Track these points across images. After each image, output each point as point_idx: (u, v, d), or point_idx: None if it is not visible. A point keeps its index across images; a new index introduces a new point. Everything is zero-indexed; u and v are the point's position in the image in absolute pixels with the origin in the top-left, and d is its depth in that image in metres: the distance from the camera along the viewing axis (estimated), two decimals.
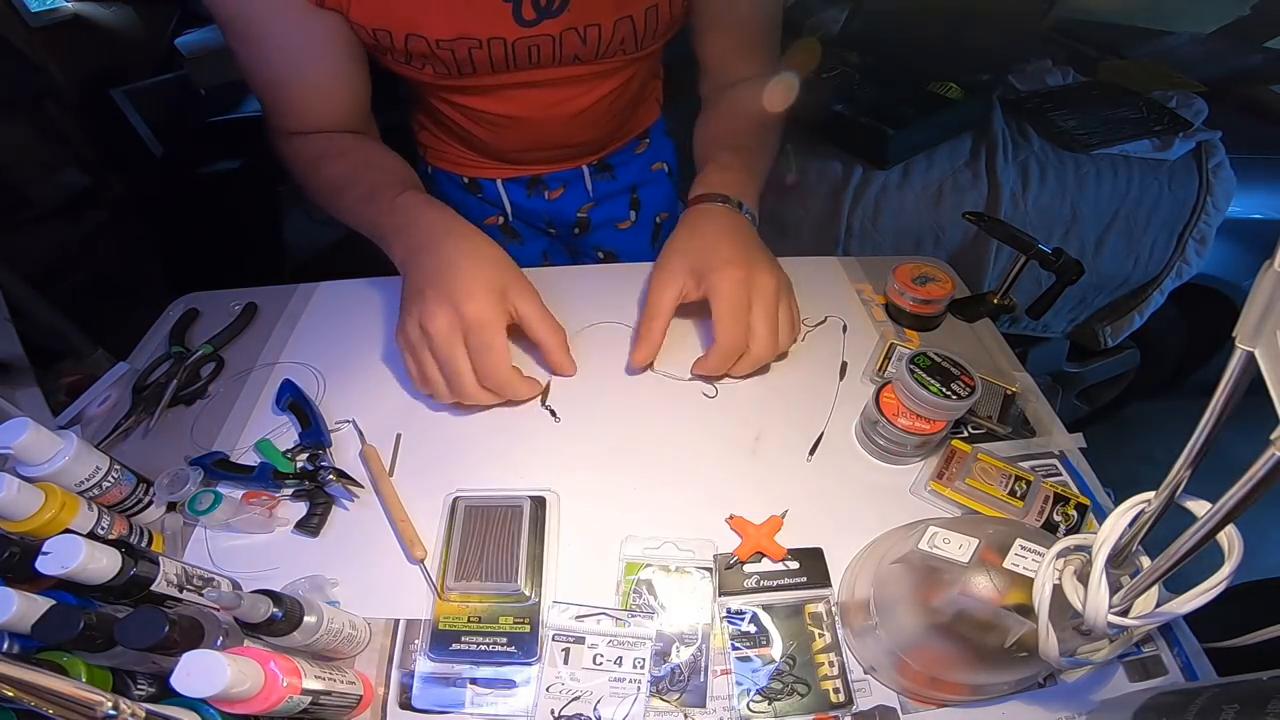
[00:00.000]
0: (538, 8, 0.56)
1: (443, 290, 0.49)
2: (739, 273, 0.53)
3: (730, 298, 0.52)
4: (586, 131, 0.74)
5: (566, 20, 0.58)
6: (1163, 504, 0.28)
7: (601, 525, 0.50)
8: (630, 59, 0.66)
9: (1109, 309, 1.23)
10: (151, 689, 0.36)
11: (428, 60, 0.59)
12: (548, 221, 0.86)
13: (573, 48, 0.60)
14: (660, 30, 0.63)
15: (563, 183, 0.81)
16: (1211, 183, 1.07)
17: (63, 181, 1.45)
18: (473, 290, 0.48)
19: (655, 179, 0.87)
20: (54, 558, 0.34)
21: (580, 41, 0.60)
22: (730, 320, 0.53)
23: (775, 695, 0.42)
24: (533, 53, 0.60)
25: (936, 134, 1.14)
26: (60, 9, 1.57)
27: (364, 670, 0.42)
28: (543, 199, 0.83)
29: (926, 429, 0.50)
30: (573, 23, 0.58)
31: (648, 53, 0.66)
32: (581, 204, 0.79)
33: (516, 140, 0.73)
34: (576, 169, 0.81)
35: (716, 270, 0.53)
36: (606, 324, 0.67)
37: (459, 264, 0.50)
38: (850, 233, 1.14)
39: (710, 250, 0.55)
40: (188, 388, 0.60)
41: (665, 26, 0.63)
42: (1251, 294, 0.21)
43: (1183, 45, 1.34)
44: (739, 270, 0.53)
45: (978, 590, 0.35)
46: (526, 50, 0.59)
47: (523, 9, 0.56)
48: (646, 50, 0.65)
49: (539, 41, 0.59)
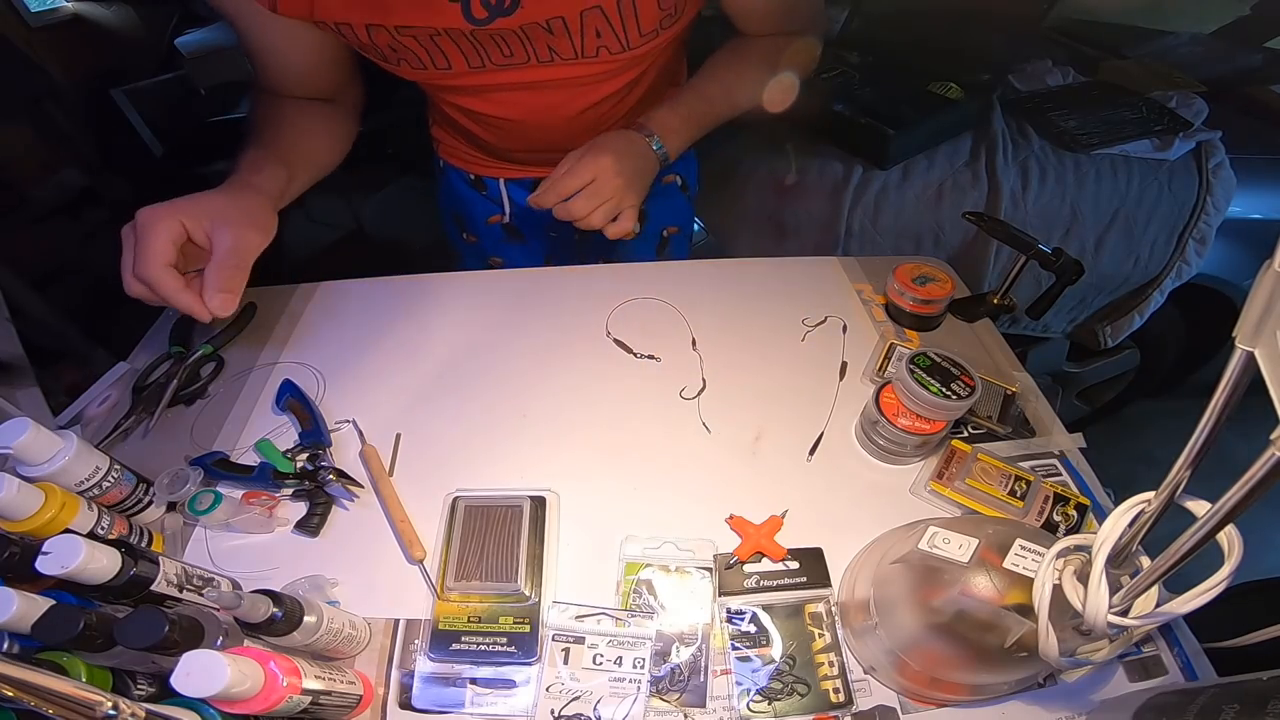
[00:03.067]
0: (488, 6, 0.55)
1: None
2: (606, 161, 0.61)
3: (582, 170, 0.60)
4: (589, 135, 0.73)
5: (522, 16, 0.56)
6: (1163, 504, 0.28)
7: (601, 525, 0.50)
8: (626, 58, 0.64)
9: (1109, 309, 1.23)
10: (151, 689, 0.36)
11: (398, 55, 0.60)
12: (549, 224, 0.86)
13: (543, 40, 0.59)
14: (647, 25, 0.60)
15: None
16: (1211, 183, 1.07)
17: (63, 181, 1.45)
18: (163, 205, 0.50)
19: (665, 191, 0.85)
20: (54, 558, 0.34)
21: (548, 33, 0.58)
22: (571, 178, 0.60)
23: (775, 695, 0.42)
24: (502, 47, 0.59)
25: (936, 134, 1.14)
26: (60, 9, 1.57)
27: (364, 670, 0.42)
28: None
29: (926, 429, 0.50)
30: (531, 18, 0.56)
31: (645, 50, 0.63)
32: None
33: (518, 141, 0.73)
34: None
35: (590, 155, 0.61)
36: (609, 324, 0.67)
37: (197, 197, 0.53)
38: (850, 233, 1.14)
39: (599, 151, 0.62)
40: (188, 388, 0.60)
41: (652, 21, 0.60)
42: (1251, 294, 0.21)
43: (1183, 45, 1.34)
44: (607, 159, 0.61)
45: (978, 590, 0.35)
46: (494, 41, 0.59)
47: (472, 8, 0.55)
48: (641, 48, 0.62)
49: (504, 36, 0.58)
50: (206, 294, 0.50)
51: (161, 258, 0.49)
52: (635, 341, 0.65)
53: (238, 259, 0.52)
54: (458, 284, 0.73)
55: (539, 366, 0.63)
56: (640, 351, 0.64)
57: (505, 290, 0.72)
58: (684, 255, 0.93)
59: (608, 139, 0.64)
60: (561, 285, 0.72)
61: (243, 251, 0.52)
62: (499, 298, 0.71)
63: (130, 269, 0.50)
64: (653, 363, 0.63)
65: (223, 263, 0.51)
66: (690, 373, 0.62)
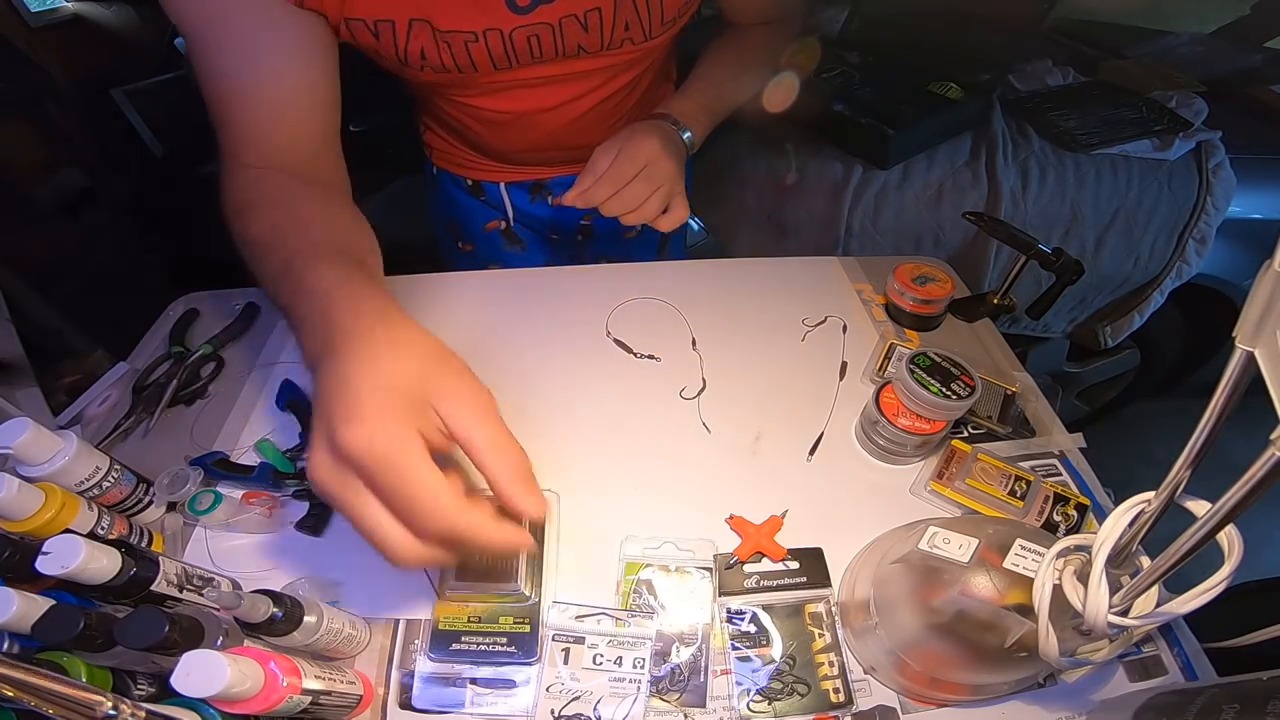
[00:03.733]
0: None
1: (326, 417, 0.34)
2: (653, 144, 0.60)
3: (633, 153, 0.59)
4: (593, 133, 0.72)
5: (564, 7, 0.56)
6: (1163, 504, 0.28)
7: (601, 525, 0.50)
8: (639, 50, 0.64)
9: (1109, 309, 1.23)
10: (151, 689, 0.36)
11: (424, 61, 0.57)
12: (549, 228, 0.86)
13: (575, 36, 0.59)
14: (670, 11, 0.61)
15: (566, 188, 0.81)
16: (1211, 183, 1.07)
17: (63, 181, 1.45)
18: (363, 410, 0.33)
19: None
20: (54, 558, 0.34)
21: (582, 29, 0.58)
22: (625, 163, 0.59)
23: (775, 695, 0.42)
24: (533, 45, 0.58)
25: (936, 134, 1.14)
26: (60, 9, 1.57)
27: (364, 670, 0.42)
28: (545, 204, 0.82)
29: (926, 429, 0.50)
30: (571, 9, 0.56)
31: (657, 42, 0.64)
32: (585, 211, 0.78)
33: (521, 140, 0.72)
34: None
35: (636, 141, 0.60)
36: (609, 324, 0.67)
37: (352, 377, 0.35)
38: (850, 233, 1.14)
39: (644, 136, 0.61)
40: (188, 388, 0.60)
41: (675, 7, 0.60)
42: (1251, 294, 0.21)
43: (1183, 45, 1.34)
44: (654, 143, 0.60)
45: (978, 590, 0.35)
46: (526, 42, 0.58)
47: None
48: (660, 37, 0.63)
49: (538, 31, 0.57)
50: (518, 500, 0.36)
51: (448, 490, 0.33)
52: (635, 341, 0.65)
53: (492, 428, 0.37)
54: (457, 284, 0.73)
55: (539, 366, 0.63)
56: (640, 351, 0.64)
57: (505, 290, 0.72)
58: (681, 254, 0.93)
59: (642, 127, 0.62)
60: (561, 285, 0.72)
61: (482, 410, 0.37)
62: (499, 298, 0.71)
63: (399, 535, 0.34)
64: (653, 363, 0.63)
65: (500, 447, 0.36)
66: (690, 373, 0.62)
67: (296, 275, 0.42)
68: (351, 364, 0.35)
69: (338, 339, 0.37)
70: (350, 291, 0.40)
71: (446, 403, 0.36)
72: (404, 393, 0.35)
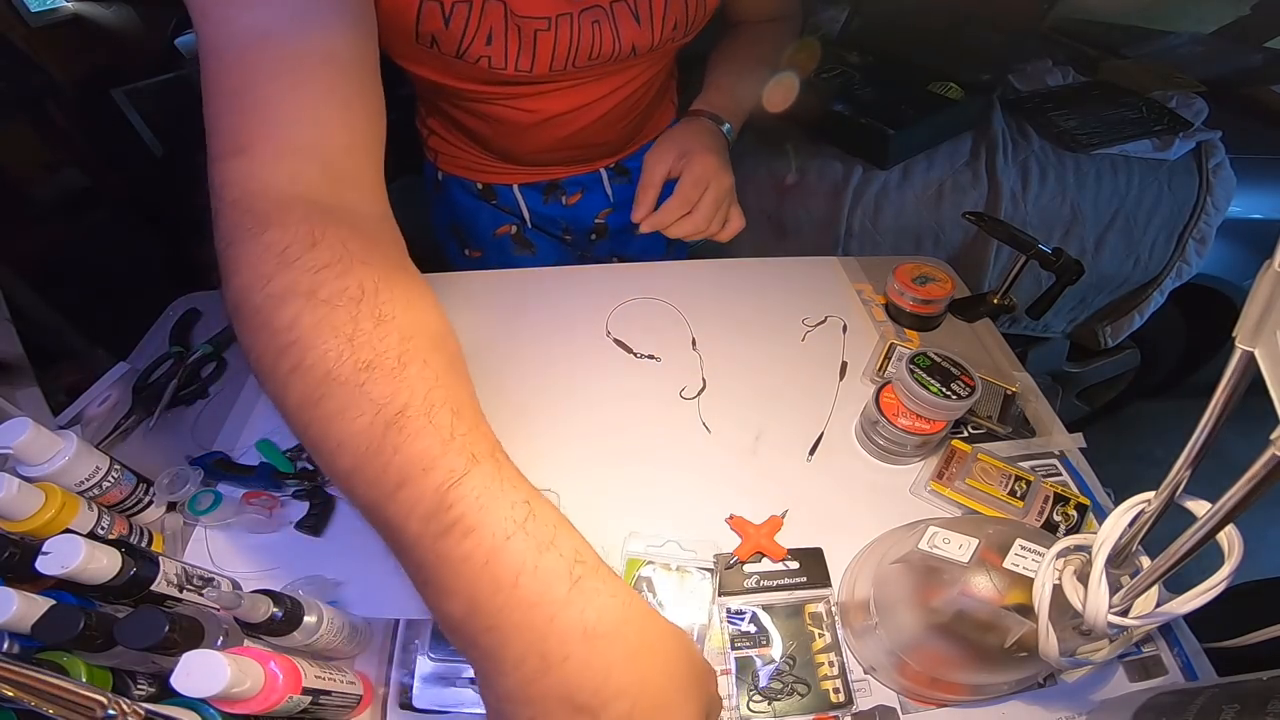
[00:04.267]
0: None
1: None
2: (713, 161, 0.62)
3: (698, 173, 0.62)
4: (608, 132, 0.72)
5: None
6: (1163, 504, 0.28)
7: (601, 525, 0.50)
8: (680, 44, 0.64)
9: (1109, 309, 1.23)
10: (151, 689, 0.36)
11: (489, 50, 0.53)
12: (564, 228, 0.84)
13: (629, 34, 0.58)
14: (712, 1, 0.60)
15: (581, 187, 0.79)
16: (1211, 183, 1.07)
17: (63, 181, 1.45)
18: None
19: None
20: (54, 558, 0.34)
21: (635, 21, 0.57)
22: (690, 187, 0.61)
23: (775, 695, 0.42)
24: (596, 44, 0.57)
25: (936, 134, 1.14)
26: (60, 9, 1.57)
27: (364, 670, 0.42)
28: (560, 204, 0.80)
29: (926, 429, 0.50)
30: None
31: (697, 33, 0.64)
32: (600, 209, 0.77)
33: (539, 142, 0.70)
34: (594, 172, 0.78)
35: (696, 154, 0.62)
36: (609, 324, 0.67)
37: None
38: (850, 233, 1.14)
39: (695, 141, 0.63)
40: (188, 388, 0.60)
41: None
42: (1251, 294, 0.21)
43: (1183, 45, 1.34)
44: (713, 159, 0.62)
45: (978, 590, 0.35)
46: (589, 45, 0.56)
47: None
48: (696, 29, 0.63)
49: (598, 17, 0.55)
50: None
51: None
52: (635, 341, 0.65)
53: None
54: (458, 284, 0.73)
55: (539, 366, 0.63)
56: (640, 351, 0.64)
57: (505, 290, 0.72)
58: (683, 254, 0.93)
59: (689, 133, 0.64)
60: (561, 285, 0.72)
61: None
62: (499, 298, 0.71)
63: None
64: (653, 362, 0.63)
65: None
66: (690, 373, 0.62)
67: (435, 499, 0.29)
68: (643, 682, 0.26)
69: (573, 629, 0.26)
70: (554, 535, 0.29)
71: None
72: None
